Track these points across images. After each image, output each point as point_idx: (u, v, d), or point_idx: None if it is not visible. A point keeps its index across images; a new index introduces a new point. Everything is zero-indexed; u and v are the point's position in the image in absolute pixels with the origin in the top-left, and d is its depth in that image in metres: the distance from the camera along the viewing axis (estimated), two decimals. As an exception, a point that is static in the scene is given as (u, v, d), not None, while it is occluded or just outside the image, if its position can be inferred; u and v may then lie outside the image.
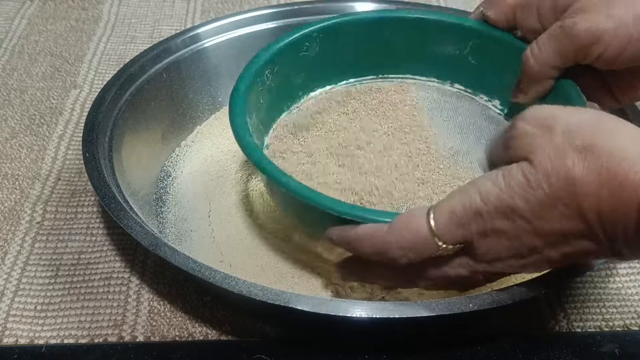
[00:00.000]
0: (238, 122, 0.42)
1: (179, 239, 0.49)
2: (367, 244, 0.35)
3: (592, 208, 0.30)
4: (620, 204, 0.29)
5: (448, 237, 0.33)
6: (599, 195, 0.29)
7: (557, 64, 0.42)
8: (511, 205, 0.31)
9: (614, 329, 0.43)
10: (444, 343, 0.42)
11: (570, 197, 0.30)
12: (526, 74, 0.44)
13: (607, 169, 0.29)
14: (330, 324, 0.39)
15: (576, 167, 0.30)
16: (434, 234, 0.33)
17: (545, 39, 0.42)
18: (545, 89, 0.44)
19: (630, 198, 0.28)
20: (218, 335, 0.43)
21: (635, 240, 0.29)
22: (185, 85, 0.58)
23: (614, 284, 0.46)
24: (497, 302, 0.36)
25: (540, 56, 0.42)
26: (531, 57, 0.43)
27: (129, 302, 0.44)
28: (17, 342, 0.42)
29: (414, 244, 0.34)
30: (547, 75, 0.43)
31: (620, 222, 0.29)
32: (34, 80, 0.66)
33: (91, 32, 0.74)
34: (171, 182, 0.54)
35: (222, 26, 0.60)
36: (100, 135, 0.48)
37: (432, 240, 0.33)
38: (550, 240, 0.32)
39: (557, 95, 0.44)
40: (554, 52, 0.41)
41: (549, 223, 0.31)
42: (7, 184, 0.54)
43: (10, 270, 0.47)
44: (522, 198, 0.31)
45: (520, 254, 0.33)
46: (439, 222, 0.33)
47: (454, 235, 0.33)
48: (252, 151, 0.40)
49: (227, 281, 0.37)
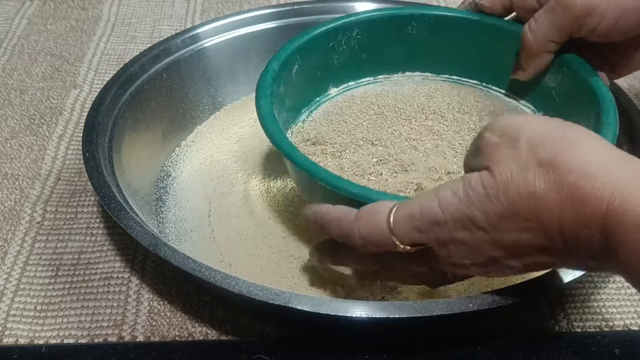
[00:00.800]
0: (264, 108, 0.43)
1: (179, 239, 0.49)
2: (335, 226, 0.36)
3: (553, 222, 0.29)
4: (582, 219, 0.28)
5: (405, 239, 0.33)
6: (561, 210, 0.29)
7: (554, 37, 0.43)
8: (469, 215, 0.31)
9: (614, 329, 0.43)
10: (444, 343, 0.42)
11: (530, 212, 0.30)
12: (525, 49, 0.45)
13: (569, 184, 0.29)
14: (330, 324, 0.39)
15: (537, 182, 0.29)
16: (392, 233, 0.33)
17: (542, 13, 0.43)
18: (543, 64, 0.46)
19: (594, 213, 0.28)
20: (218, 335, 0.43)
21: (600, 254, 0.29)
22: (185, 85, 0.58)
23: (614, 284, 0.46)
24: (497, 302, 0.36)
25: (538, 30, 0.43)
26: (529, 32, 0.44)
27: (129, 302, 0.44)
28: (17, 342, 0.42)
29: (374, 237, 0.34)
30: (545, 49, 0.44)
31: (583, 237, 0.29)
32: (34, 80, 0.66)
33: (91, 32, 0.74)
34: (171, 182, 0.54)
35: (222, 26, 0.60)
36: (100, 135, 0.48)
37: (390, 239, 0.34)
38: (511, 252, 0.32)
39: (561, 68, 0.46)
40: (551, 26, 0.43)
41: (509, 235, 0.31)
42: (7, 184, 0.54)
43: (10, 270, 0.47)
44: (480, 210, 0.31)
45: (481, 263, 0.33)
46: (398, 222, 0.33)
47: (411, 238, 0.33)
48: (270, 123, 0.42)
49: (227, 281, 0.37)
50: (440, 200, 0.32)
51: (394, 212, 0.33)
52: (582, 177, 0.28)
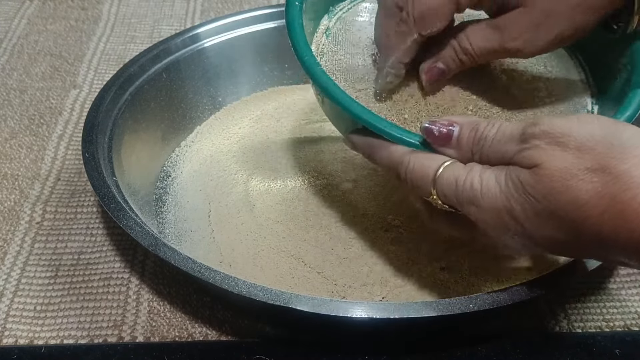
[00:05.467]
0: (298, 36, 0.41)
1: (179, 239, 0.49)
2: (385, 153, 0.38)
3: (592, 229, 0.30)
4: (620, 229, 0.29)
5: (441, 195, 0.35)
6: (600, 220, 0.29)
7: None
8: (507, 207, 0.32)
9: (614, 330, 0.43)
10: (444, 343, 0.42)
11: (569, 217, 0.30)
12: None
13: (611, 194, 0.29)
14: (330, 324, 0.39)
15: (579, 190, 0.30)
16: (434, 183, 0.35)
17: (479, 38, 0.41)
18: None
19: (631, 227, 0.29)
20: (218, 335, 0.43)
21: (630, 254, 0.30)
22: (185, 85, 0.58)
23: (614, 284, 0.46)
24: (497, 302, 0.36)
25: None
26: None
27: (129, 303, 0.44)
28: (17, 342, 0.42)
29: (418, 178, 0.36)
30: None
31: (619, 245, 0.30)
32: (34, 80, 0.66)
33: (91, 32, 0.74)
34: (171, 182, 0.54)
35: (222, 26, 0.60)
36: (100, 135, 0.48)
37: (429, 186, 0.35)
38: (539, 242, 0.33)
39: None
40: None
41: (542, 230, 0.32)
42: (7, 184, 0.54)
43: (9, 271, 0.47)
44: (519, 204, 0.32)
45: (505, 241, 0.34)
46: (442, 179, 0.35)
47: (447, 198, 0.35)
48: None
49: (227, 281, 0.37)
50: (482, 184, 0.33)
51: (444, 166, 0.35)
52: (626, 189, 0.29)
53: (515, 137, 0.33)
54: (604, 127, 0.31)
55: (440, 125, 0.35)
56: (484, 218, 0.33)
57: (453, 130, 0.35)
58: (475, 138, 0.35)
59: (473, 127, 0.35)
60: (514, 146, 0.33)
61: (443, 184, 0.35)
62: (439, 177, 0.35)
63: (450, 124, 0.35)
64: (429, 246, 0.47)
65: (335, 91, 0.39)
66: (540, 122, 0.32)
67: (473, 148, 0.35)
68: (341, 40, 0.46)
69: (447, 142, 0.36)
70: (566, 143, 0.30)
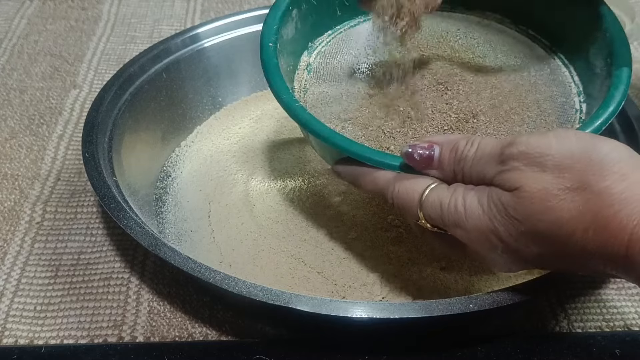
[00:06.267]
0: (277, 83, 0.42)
1: (179, 239, 0.49)
2: (370, 179, 0.38)
3: (575, 245, 0.30)
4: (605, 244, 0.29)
5: (428, 218, 0.35)
6: (584, 236, 0.30)
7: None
8: (491, 228, 0.32)
9: (614, 329, 0.43)
10: (444, 343, 0.42)
11: (552, 234, 0.30)
12: None
13: (593, 212, 0.29)
14: (330, 324, 0.39)
15: (560, 209, 0.30)
16: (420, 206, 0.35)
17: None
18: None
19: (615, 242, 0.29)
20: (218, 335, 0.42)
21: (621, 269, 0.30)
22: (185, 85, 0.58)
23: (614, 284, 0.46)
24: (497, 302, 0.36)
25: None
26: None
27: (129, 303, 0.44)
28: (17, 342, 0.42)
29: (405, 202, 0.36)
30: None
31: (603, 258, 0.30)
32: (34, 80, 0.66)
33: (91, 32, 0.74)
34: (171, 182, 0.54)
35: (222, 26, 0.60)
36: (100, 135, 0.48)
37: (416, 210, 0.35)
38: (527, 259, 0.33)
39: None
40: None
41: (528, 248, 0.32)
42: (7, 184, 0.54)
43: (9, 271, 0.47)
44: (502, 225, 0.32)
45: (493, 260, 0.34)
46: (428, 202, 0.35)
47: (434, 220, 0.35)
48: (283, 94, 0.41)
49: (227, 281, 0.37)
50: (466, 207, 0.33)
51: (429, 190, 0.35)
52: (608, 205, 0.29)
53: (495, 157, 0.33)
54: (582, 142, 0.31)
55: (420, 148, 0.35)
56: (470, 238, 0.34)
57: (433, 152, 0.35)
58: (455, 159, 0.34)
59: (453, 148, 0.35)
60: (493, 167, 0.33)
61: (428, 207, 0.35)
62: (424, 200, 0.35)
63: (430, 146, 0.35)
64: (429, 246, 0.47)
65: (314, 124, 0.39)
66: (517, 141, 0.32)
67: (455, 168, 0.35)
68: (323, 74, 0.47)
69: (428, 165, 0.35)
70: (544, 163, 0.30)
